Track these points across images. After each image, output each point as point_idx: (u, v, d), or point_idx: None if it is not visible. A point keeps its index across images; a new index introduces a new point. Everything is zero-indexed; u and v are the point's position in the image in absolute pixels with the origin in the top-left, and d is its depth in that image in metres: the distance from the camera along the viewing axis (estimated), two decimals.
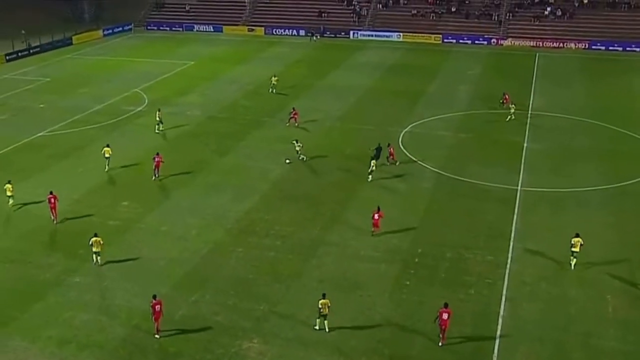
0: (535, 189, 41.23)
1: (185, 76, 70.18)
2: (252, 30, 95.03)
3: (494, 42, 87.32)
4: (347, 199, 39.86)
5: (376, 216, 35.30)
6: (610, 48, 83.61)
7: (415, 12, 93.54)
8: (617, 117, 55.24)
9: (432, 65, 74.65)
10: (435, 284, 31.08)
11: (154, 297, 27.61)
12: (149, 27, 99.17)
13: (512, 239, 35.06)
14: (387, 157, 44.90)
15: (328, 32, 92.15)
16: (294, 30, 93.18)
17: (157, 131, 51.44)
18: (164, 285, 30.73)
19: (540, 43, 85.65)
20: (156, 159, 42.57)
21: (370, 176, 42.12)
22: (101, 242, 32.31)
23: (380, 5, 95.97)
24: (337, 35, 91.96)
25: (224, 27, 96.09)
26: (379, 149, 44.51)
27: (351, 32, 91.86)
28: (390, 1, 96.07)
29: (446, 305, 27.04)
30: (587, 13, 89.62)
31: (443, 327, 26.88)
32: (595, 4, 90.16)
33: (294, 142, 45.75)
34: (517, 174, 43.48)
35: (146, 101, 60.25)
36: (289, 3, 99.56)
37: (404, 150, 47.50)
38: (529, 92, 63.14)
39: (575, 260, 32.19)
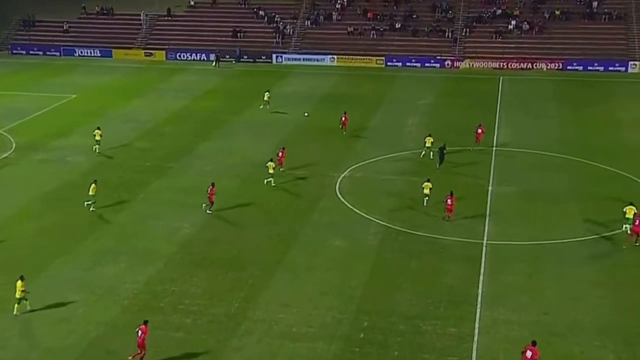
0: (505, 243, 42.39)
1: (65, 113, 69.72)
2: (150, 54, 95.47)
3: (448, 64, 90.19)
4: (274, 262, 40.07)
5: (449, 201, 44.00)
6: (589, 68, 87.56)
7: (352, 29, 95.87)
8: (599, 151, 57.63)
9: (374, 94, 76.37)
10: None
11: (145, 322, 31.55)
12: (14, 51, 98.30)
13: (478, 306, 35.80)
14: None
15: (246, 56, 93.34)
16: (204, 55, 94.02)
17: (97, 152, 55.66)
18: None
19: (505, 64, 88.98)
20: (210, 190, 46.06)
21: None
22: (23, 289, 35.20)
23: (309, 22, 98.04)
24: (257, 60, 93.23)
25: (113, 50, 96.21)
26: (441, 150, 53.61)
27: (274, 56, 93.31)
28: (321, 17, 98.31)
29: (534, 344, 30.34)
30: (560, 27, 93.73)
31: None
32: (569, 16, 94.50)
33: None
34: (482, 225, 44.68)
35: (13, 146, 59.43)
36: (197, 21, 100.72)
37: (343, 200, 48.21)
38: (493, 124, 65.18)
39: None
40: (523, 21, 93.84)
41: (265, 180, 50.37)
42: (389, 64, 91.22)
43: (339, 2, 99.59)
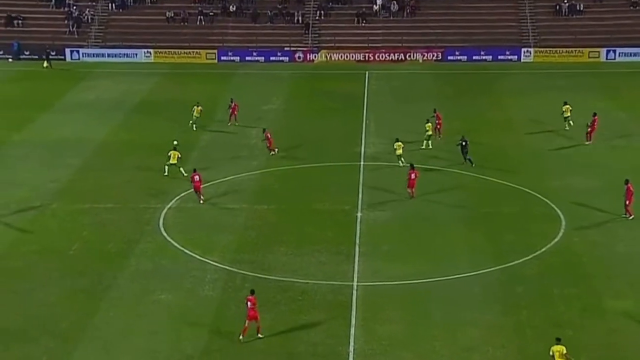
0: (380, 283, 42.99)
1: None
2: None
3: (299, 57, 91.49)
4: (78, 328, 39.06)
5: (413, 175, 52.49)
6: (475, 57, 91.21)
7: (172, 14, 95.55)
8: (492, 162, 59.74)
9: (205, 98, 76.16)
10: None
11: (252, 292, 37.43)
12: None
13: None
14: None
15: (28, 52, 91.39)
16: None
17: None
18: None
19: (371, 56, 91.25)
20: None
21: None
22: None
23: (114, 6, 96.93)
24: (44, 57, 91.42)
25: None
26: (463, 146, 59.56)
27: (68, 51, 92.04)
28: None
29: None
30: (437, 6, 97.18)
31: None
32: None
33: None
34: (351, 262, 45.20)
35: None
36: None
37: (170, 240, 47.80)
38: (359, 132, 66.33)
39: None
40: (391, 0, 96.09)
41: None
42: (222, 58, 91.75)
43: None
